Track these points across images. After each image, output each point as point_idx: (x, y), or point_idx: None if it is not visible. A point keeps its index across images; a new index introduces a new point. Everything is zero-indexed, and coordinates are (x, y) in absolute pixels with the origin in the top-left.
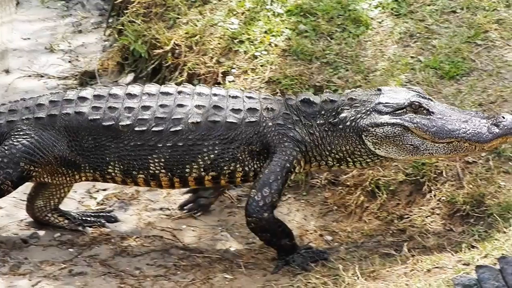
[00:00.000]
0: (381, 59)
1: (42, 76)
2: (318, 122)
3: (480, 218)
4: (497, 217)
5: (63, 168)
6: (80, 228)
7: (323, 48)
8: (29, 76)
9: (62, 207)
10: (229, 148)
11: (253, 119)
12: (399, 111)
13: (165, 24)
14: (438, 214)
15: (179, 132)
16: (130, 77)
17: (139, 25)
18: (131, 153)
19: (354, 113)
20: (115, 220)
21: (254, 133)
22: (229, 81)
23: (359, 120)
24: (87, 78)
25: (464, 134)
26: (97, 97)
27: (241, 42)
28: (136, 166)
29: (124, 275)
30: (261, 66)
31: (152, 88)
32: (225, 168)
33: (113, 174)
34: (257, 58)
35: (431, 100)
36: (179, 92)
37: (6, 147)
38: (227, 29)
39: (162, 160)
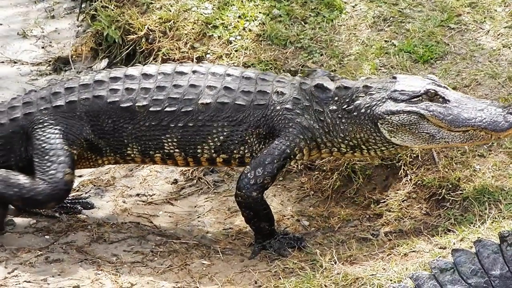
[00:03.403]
0: (355, 43)
1: (15, 62)
2: (330, 108)
3: (456, 202)
4: (472, 200)
5: (89, 153)
6: (56, 214)
7: (297, 33)
8: (2, 62)
9: None
10: (237, 130)
11: (262, 102)
12: (415, 99)
13: (138, 9)
14: (414, 198)
15: (190, 113)
16: (104, 63)
17: (112, 10)
18: (147, 133)
19: (369, 100)
20: (91, 206)
21: (262, 116)
22: None
23: (374, 107)
24: (60, 64)
25: (480, 123)
26: (114, 79)
27: (215, 27)
28: (152, 146)
29: (101, 261)
30: (236, 51)
31: (168, 67)
32: (234, 151)
33: (132, 155)
34: (232, 43)
35: (447, 88)
36: (194, 72)
37: (42, 144)
38: (201, 14)
39: (175, 140)
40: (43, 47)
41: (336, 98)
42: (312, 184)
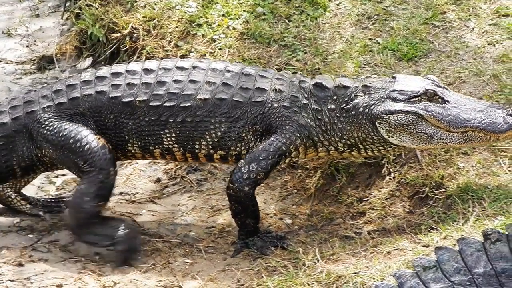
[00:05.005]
0: (339, 41)
1: (0, 61)
2: (329, 107)
3: (439, 200)
4: (456, 198)
5: None
6: (40, 213)
7: (281, 31)
8: None
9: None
10: (234, 127)
11: (259, 99)
12: (414, 99)
13: (122, 7)
14: (397, 196)
15: (188, 108)
16: (88, 61)
17: (97, 8)
18: (147, 129)
19: (367, 99)
20: None
21: (259, 113)
22: None
23: (373, 107)
24: (45, 62)
25: (479, 124)
26: (115, 74)
27: (199, 25)
28: (152, 142)
29: (84, 260)
30: (220, 49)
31: (169, 62)
32: (231, 148)
33: (133, 151)
34: (215, 42)
35: (446, 89)
36: (194, 67)
37: (59, 134)
38: (185, 12)
39: (173, 135)
40: (27, 46)
41: (334, 97)
42: (295, 183)
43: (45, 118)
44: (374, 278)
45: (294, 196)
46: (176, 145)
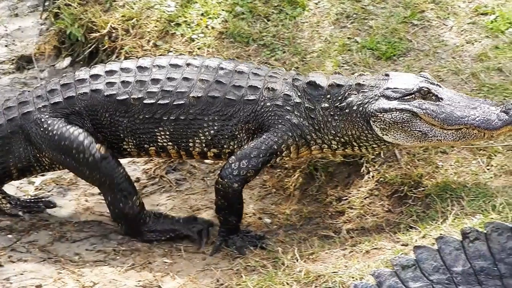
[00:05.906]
0: (318, 41)
1: None
2: (322, 106)
3: (418, 199)
4: (435, 197)
5: None
6: (19, 213)
7: (260, 30)
8: None
9: None
10: (227, 125)
11: (252, 98)
12: (408, 97)
13: (101, 7)
14: (376, 195)
15: (182, 106)
16: (67, 61)
17: (76, 8)
18: (141, 126)
19: (361, 98)
20: (53, 205)
21: (252, 111)
22: None
23: (366, 105)
24: (23, 62)
25: (473, 121)
26: (110, 72)
27: (178, 25)
28: (146, 140)
29: (64, 260)
30: (198, 49)
31: (163, 60)
32: (225, 146)
33: (128, 149)
34: (194, 41)
35: (440, 86)
36: (188, 65)
37: (62, 137)
38: (164, 11)
39: (167, 133)
40: (6, 46)
41: (328, 96)
42: (274, 182)
43: (42, 120)
44: (353, 277)
45: (273, 196)
46: (170, 143)
